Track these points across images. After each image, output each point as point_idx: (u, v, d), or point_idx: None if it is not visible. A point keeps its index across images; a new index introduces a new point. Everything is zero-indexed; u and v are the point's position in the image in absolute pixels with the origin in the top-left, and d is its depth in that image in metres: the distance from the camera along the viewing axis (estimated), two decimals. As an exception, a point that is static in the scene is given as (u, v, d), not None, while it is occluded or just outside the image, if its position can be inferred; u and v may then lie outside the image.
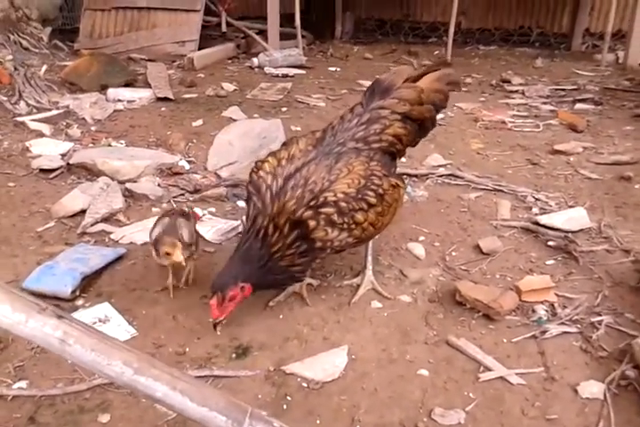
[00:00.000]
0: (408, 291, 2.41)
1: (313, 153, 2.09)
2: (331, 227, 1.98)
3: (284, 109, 4.88)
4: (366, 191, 2.04)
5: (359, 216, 2.03)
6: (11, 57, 5.55)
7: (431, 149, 3.96)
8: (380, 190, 2.09)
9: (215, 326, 2.01)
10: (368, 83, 5.73)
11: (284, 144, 2.29)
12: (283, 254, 1.99)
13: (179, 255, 2.21)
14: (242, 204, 3.31)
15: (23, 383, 1.95)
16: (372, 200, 2.06)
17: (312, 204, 1.96)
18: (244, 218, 2.11)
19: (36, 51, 6.20)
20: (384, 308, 2.30)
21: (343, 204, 1.98)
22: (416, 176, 3.54)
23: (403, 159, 3.82)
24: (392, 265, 2.57)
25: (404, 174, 3.53)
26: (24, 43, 6.23)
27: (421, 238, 2.84)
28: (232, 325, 2.23)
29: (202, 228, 2.93)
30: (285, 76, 6.04)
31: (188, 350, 2.10)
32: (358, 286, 2.39)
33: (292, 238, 1.98)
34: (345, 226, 2.01)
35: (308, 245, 2.01)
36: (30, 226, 2.97)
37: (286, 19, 7.08)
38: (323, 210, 1.96)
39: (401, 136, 2.27)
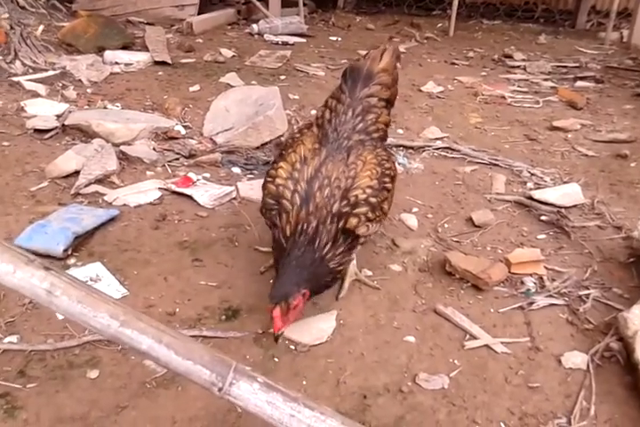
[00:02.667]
0: (399, 260, 2.43)
1: (324, 151, 2.05)
2: (369, 222, 2.00)
3: (282, 77, 4.82)
4: (384, 179, 2.07)
5: (385, 206, 2.10)
6: (7, 15, 5.40)
7: (429, 121, 3.94)
8: (392, 173, 2.15)
9: (277, 338, 1.84)
10: None
11: (286, 146, 2.22)
12: (333, 255, 1.94)
13: None
14: (236, 170, 3.31)
15: (14, 338, 1.97)
16: (389, 186, 2.12)
17: (345, 203, 1.95)
18: (277, 222, 1.98)
19: (33, 10, 6.04)
20: (374, 276, 2.32)
21: (373, 199, 2.00)
22: (412, 148, 3.53)
23: (400, 131, 3.83)
24: (384, 235, 2.58)
25: (400, 146, 3.53)
26: (21, 1, 6.06)
27: (415, 210, 2.84)
28: (223, 287, 2.25)
29: (195, 192, 2.93)
30: (285, 44, 5.95)
31: (178, 310, 2.12)
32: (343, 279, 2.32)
33: (340, 238, 1.94)
34: (377, 218, 2.05)
35: (352, 241, 2.00)
36: (24, 185, 2.96)
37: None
38: (357, 210, 1.96)
39: (388, 122, 2.33)
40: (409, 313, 2.11)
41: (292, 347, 1.95)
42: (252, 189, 3.01)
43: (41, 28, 5.50)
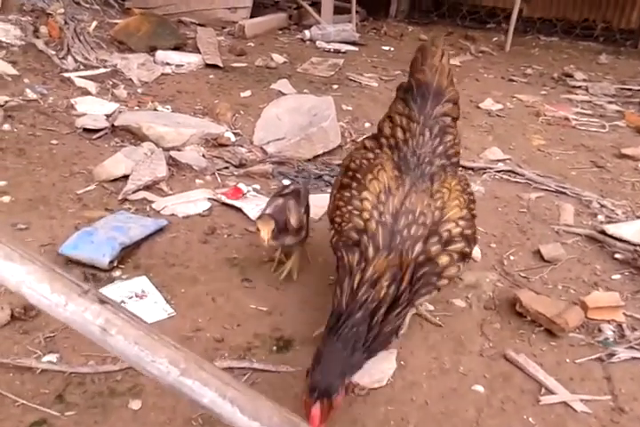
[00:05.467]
0: (462, 295, 2.25)
1: (408, 180, 1.81)
2: (463, 260, 1.77)
3: (334, 87, 4.68)
4: (470, 206, 1.88)
5: (477, 236, 1.89)
6: (62, 10, 5.39)
7: (489, 141, 3.75)
8: (473, 197, 1.97)
9: None
10: None
11: (360, 170, 1.92)
12: (395, 311, 1.64)
13: (265, 234, 2.00)
14: (287, 182, 3.17)
15: (53, 357, 1.85)
16: (475, 213, 1.91)
17: (434, 240, 1.71)
18: (354, 264, 1.69)
19: (87, 6, 6.02)
20: (435, 311, 2.15)
21: (468, 231, 1.78)
22: (472, 169, 3.34)
23: (459, 150, 3.64)
24: (447, 265, 2.40)
25: (459, 166, 3.34)
26: (76, -3, 6.07)
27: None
28: (274, 313, 2.11)
29: (245, 205, 2.81)
30: (337, 51, 5.81)
31: (226, 337, 1.98)
32: None
33: (416, 285, 1.68)
34: (470, 253, 1.83)
35: (428, 288, 1.74)
36: (70, 187, 2.87)
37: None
38: (452, 247, 1.73)
39: (459, 143, 2.08)
40: (476, 357, 1.94)
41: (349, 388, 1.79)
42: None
43: (94, 24, 5.47)
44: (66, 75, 4.22)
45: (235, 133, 3.66)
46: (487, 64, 5.97)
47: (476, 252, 2.53)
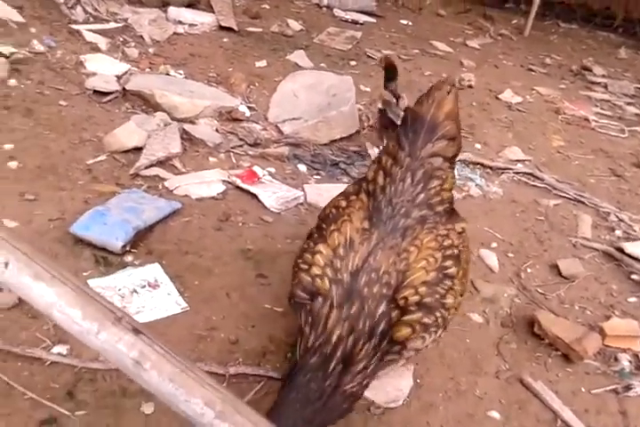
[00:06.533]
0: (479, 309, 2.22)
1: (375, 234, 1.59)
2: (425, 331, 1.54)
3: (352, 63, 4.51)
4: (444, 264, 1.60)
5: (449, 300, 1.59)
6: (70, -48, 5.07)
7: (509, 138, 3.67)
8: (456, 251, 1.66)
9: None
10: (441, 45, 5.47)
11: (326, 217, 1.73)
12: (354, 375, 1.49)
13: None
14: (302, 168, 3.08)
15: (63, 348, 1.79)
16: (453, 271, 1.61)
17: (392, 306, 1.51)
18: (303, 324, 1.55)
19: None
20: (453, 325, 2.12)
21: (428, 299, 1.54)
22: (491, 168, 3.27)
23: (478, 145, 3.56)
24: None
25: (478, 164, 3.27)
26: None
27: (494, 245, 2.62)
28: (289, 315, 2.06)
29: (262, 192, 2.71)
30: (355, 22, 5.59)
31: (241, 338, 1.93)
32: None
33: (378, 354, 1.51)
34: (437, 323, 1.56)
35: (392, 356, 1.56)
36: (80, 156, 2.74)
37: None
38: (408, 317, 1.51)
39: (453, 187, 1.78)
40: (492, 379, 1.92)
41: (363, 404, 1.76)
42: (319, 194, 2.79)
43: (104, -31, 5.16)
44: (75, 27, 3.99)
45: (249, 108, 3.52)
46: (506, 49, 5.81)
47: (494, 261, 2.49)
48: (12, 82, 3.14)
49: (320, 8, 5.93)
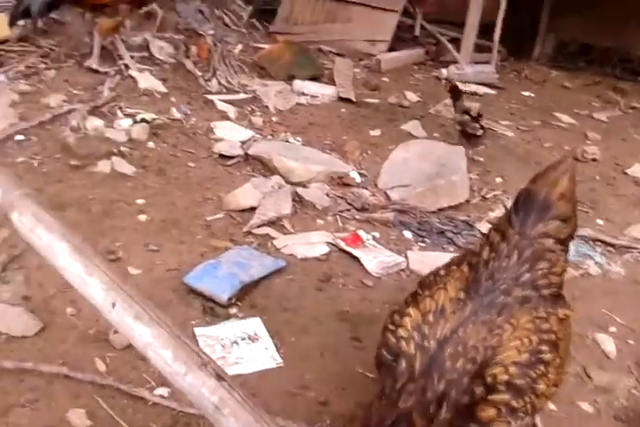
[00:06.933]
0: (590, 398, 2.06)
1: (469, 306, 1.56)
2: (512, 416, 1.46)
3: (467, 134, 4.55)
4: (540, 348, 1.53)
5: (541, 386, 1.51)
6: (212, 32, 5.72)
7: (635, 216, 3.46)
8: (554, 337, 1.58)
9: None
10: (564, 117, 5.36)
11: (423, 284, 1.73)
12: None
13: None
14: (408, 234, 3.11)
15: (165, 391, 1.91)
16: (548, 357, 1.54)
17: (477, 382, 1.45)
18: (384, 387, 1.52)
19: (235, 28, 6.34)
20: (557, 411, 1.98)
21: (519, 381, 1.47)
22: (613, 246, 3.09)
23: (599, 221, 3.40)
24: (573, 357, 2.22)
25: (598, 241, 3.11)
26: (226, 19, 6.39)
27: (612, 329, 2.45)
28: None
29: (364, 255, 2.77)
30: (473, 94, 5.68)
31: (330, 400, 1.94)
32: None
33: None
34: (528, 406, 1.48)
35: None
36: (201, 213, 2.99)
37: (483, 28, 6.66)
38: (494, 397, 1.44)
39: (564, 271, 1.74)
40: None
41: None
42: (422, 262, 2.79)
43: (239, 47, 5.75)
44: (209, 97, 4.44)
45: (360, 174, 3.66)
46: (637, 122, 5.57)
47: (611, 347, 2.32)
48: (151, 144, 3.53)
49: (439, 80, 6.10)
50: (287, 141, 3.96)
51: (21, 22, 4.16)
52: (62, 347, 2.05)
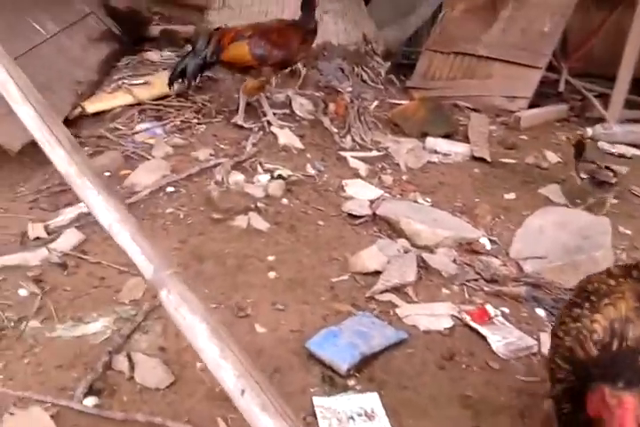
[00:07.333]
0: None
1: None
2: None
3: (613, 202, 4.23)
4: None
5: None
6: (350, 89, 5.91)
7: None
8: None
9: None
10: None
11: (594, 291, 1.78)
12: None
13: None
14: (540, 312, 2.92)
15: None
16: None
17: None
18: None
19: (372, 85, 6.49)
20: None
21: None
22: None
23: None
24: None
25: None
26: (364, 75, 6.57)
27: None
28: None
29: (491, 334, 2.63)
30: (621, 156, 5.31)
31: None
32: None
33: None
34: None
35: None
36: (327, 273, 3.03)
37: (635, 83, 6.23)
38: None
39: None
40: None
41: None
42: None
43: (375, 103, 5.87)
44: (342, 153, 4.56)
45: (491, 241, 3.52)
46: None
47: None
48: (285, 201, 3.68)
49: (584, 139, 5.79)
50: (416, 202, 3.94)
51: (178, 82, 4.60)
52: (189, 403, 2.14)
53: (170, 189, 3.57)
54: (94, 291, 2.67)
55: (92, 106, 4.44)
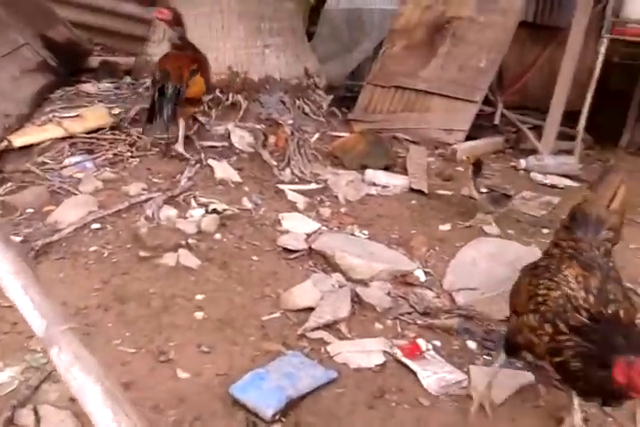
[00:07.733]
0: None
1: (598, 273, 2.10)
2: None
3: (544, 231, 4.32)
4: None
5: None
6: (291, 121, 5.92)
7: None
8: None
9: None
10: None
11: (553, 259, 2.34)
12: None
13: None
14: (472, 345, 2.90)
15: None
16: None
17: None
18: None
19: (314, 117, 6.53)
20: None
21: None
22: None
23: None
24: None
25: None
26: (306, 108, 6.61)
27: None
28: None
29: (421, 370, 2.60)
30: (553, 186, 5.47)
31: None
32: None
33: None
34: None
35: None
36: (257, 311, 2.95)
37: (567, 115, 6.48)
38: None
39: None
40: None
41: None
42: (484, 379, 2.57)
43: (316, 135, 5.90)
44: (281, 186, 4.52)
45: (425, 272, 3.53)
46: None
47: None
48: (218, 236, 3.60)
49: (517, 170, 5.95)
50: (353, 234, 3.92)
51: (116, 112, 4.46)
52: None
53: (95, 225, 3.44)
54: (4, 337, 2.51)
55: (19, 139, 4.28)
